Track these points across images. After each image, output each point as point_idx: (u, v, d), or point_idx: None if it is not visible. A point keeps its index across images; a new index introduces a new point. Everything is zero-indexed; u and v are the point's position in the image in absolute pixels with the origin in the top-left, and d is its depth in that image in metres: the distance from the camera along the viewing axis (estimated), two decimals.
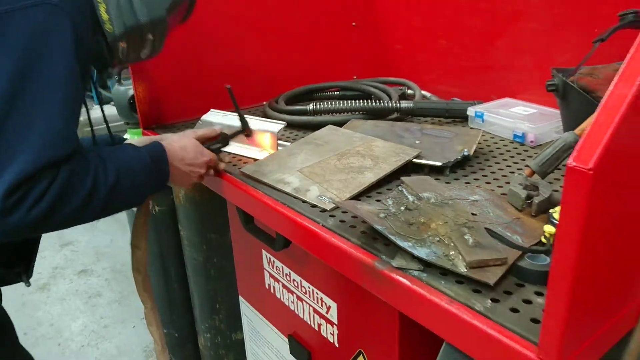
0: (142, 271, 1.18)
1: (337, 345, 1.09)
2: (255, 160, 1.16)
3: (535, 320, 0.60)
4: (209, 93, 1.49)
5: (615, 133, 0.45)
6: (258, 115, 1.31)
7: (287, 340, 1.27)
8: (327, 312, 1.09)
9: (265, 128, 1.22)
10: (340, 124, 1.29)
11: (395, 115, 1.42)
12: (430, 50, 1.67)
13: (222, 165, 1.12)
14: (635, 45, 0.48)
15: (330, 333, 1.10)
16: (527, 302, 0.64)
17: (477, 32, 1.50)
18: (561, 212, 0.48)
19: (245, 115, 1.25)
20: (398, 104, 1.39)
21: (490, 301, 0.64)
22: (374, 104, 1.39)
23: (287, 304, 1.23)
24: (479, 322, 0.61)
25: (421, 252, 0.71)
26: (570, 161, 0.46)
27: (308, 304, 1.14)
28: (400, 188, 0.92)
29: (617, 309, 0.61)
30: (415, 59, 1.74)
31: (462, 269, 0.67)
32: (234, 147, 1.25)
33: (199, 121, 1.34)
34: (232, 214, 1.38)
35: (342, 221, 0.87)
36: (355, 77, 1.86)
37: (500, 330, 0.59)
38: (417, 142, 1.15)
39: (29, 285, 1.05)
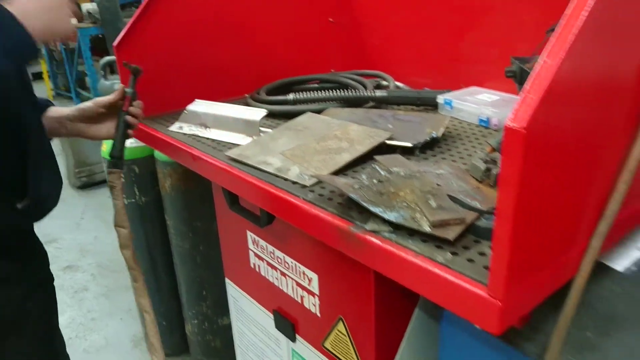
0: (130, 247, 1.25)
1: (319, 315, 1.18)
2: (239, 145, 1.24)
3: (487, 268, 0.69)
4: (193, 86, 1.57)
5: (545, 96, 0.54)
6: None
7: (272, 315, 1.35)
8: (309, 284, 1.17)
9: (248, 116, 1.30)
10: (319, 112, 1.37)
11: (370, 104, 1.51)
12: (404, 44, 1.76)
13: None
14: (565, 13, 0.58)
15: (313, 304, 1.18)
16: (482, 254, 0.73)
17: (447, 27, 1.60)
18: (501, 168, 0.57)
19: (230, 104, 1.33)
20: (373, 93, 1.48)
21: (450, 254, 0.73)
22: (350, 93, 1.48)
23: (272, 281, 1.31)
24: (441, 270, 0.70)
25: (391, 216, 0.80)
26: (508, 122, 0.55)
27: (291, 278, 1.23)
28: (373, 165, 1.01)
29: (557, 256, 0.70)
30: (389, 52, 1.83)
31: (426, 228, 0.76)
32: (219, 134, 1.32)
33: (184, 111, 1.41)
34: (218, 200, 1.45)
35: (320, 195, 0.95)
36: (332, 70, 1.95)
37: (458, 276, 0.68)
38: (390, 126, 1.24)
39: None
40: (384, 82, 1.72)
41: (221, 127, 1.34)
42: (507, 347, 0.85)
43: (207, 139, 1.32)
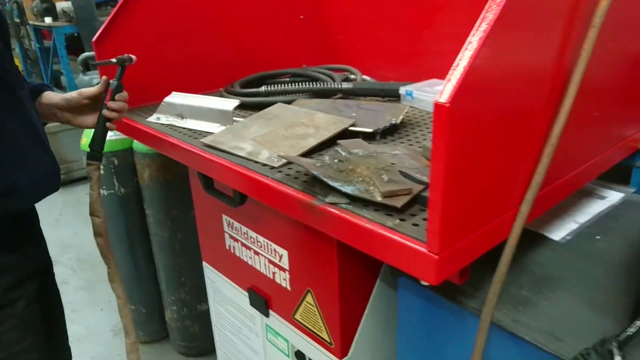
0: (103, 235, 1.31)
1: (289, 289, 1.27)
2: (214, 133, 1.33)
3: None
4: (170, 79, 1.65)
5: (465, 77, 0.65)
6: None
7: (246, 293, 1.44)
8: (279, 261, 1.27)
9: (222, 106, 1.38)
10: (289, 103, 1.47)
11: (338, 95, 1.61)
12: (370, 39, 1.87)
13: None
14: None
15: (284, 279, 1.28)
16: (425, 220, 0.83)
17: (409, 23, 1.71)
18: (432, 140, 0.67)
19: (205, 96, 1.42)
20: (340, 86, 1.58)
21: (398, 220, 0.83)
22: (318, 85, 1.57)
23: (246, 260, 1.40)
24: (389, 233, 0.80)
25: (348, 189, 0.90)
26: (436, 99, 0.65)
27: (263, 256, 1.32)
28: (336, 148, 1.11)
29: (490, 219, 0.81)
30: (357, 47, 1.94)
31: (378, 198, 0.86)
32: (194, 124, 1.41)
33: (162, 103, 1.49)
34: (195, 187, 1.53)
35: (287, 174, 1.04)
36: (305, 65, 2.04)
37: (403, 237, 0.78)
38: (353, 114, 1.34)
39: None
40: (352, 76, 1.83)
41: (197, 117, 1.42)
42: (452, 305, 0.96)
43: (184, 128, 1.41)
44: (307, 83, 1.59)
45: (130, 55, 1.29)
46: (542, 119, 0.84)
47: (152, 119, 1.48)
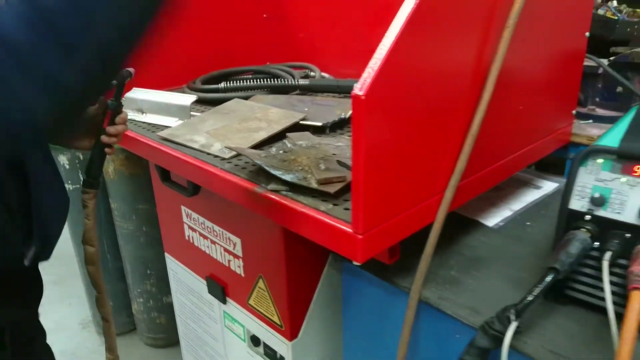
0: (96, 264, 1.32)
1: (243, 276, 1.33)
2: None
3: None
4: (135, 76, 1.69)
5: (380, 71, 0.72)
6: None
7: (205, 282, 1.50)
8: (234, 249, 1.33)
9: (180, 101, 1.44)
10: (247, 99, 1.52)
11: (297, 92, 1.68)
12: (329, 37, 1.94)
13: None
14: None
15: (238, 266, 1.34)
16: None
17: (364, 21, 1.78)
18: (352, 130, 0.74)
19: (165, 92, 1.47)
20: (297, 82, 1.64)
21: (332, 205, 0.90)
22: (276, 82, 1.63)
23: (204, 249, 1.46)
24: (322, 216, 0.86)
25: (288, 177, 0.96)
26: (354, 91, 0.72)
27: (219, 245, 1.38)
28: (284, 140, 1.17)
29: (415, 203, 0.88)
30: (317, 45, 2.01)
31: (314, 185, 0.93)
32: (154, 118, 1.46)
33: (123, 98, 1.53)
34: (155, 180, 1.58)
35: (236, 165, 1.11)
36: (268, 62, 2.10)
37: (334, 219, 0.85)
38: (306, 109, 1.41)
39: None
40: (312, 73, 1.89)
41: (156, 112, 1.47)
42: (388, 285, 1.03)
43: (144, 122, 1.46)
44: (265, 80, 1.65)
45: (129, 69, 1.10)
46: (464, 111, 0.92)
47: None
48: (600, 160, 0.84)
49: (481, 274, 1.03)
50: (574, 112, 1.32)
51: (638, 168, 0.80)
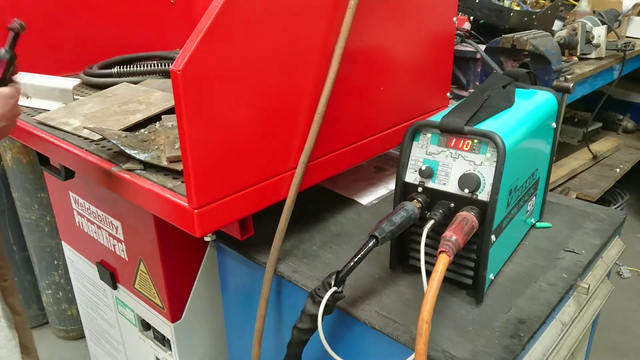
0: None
1: (127, 260, 1.33)
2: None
3: None
4: (24, 58, 1.64)
5: (197, 48, 0.73)
6: None
7: (96, 268, 1.49)
8: (116, 232, 1.32)
9: (62, 85, 1.41)
10: (137, 83, 1.51)
11: None
12: None
13: None
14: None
15: (122, 250, 1.33)
16: None
17: None
18: (175, 105, 0.75)
19: (50, 76, 1.44)
20: None
21: (180, 182, 0.91)
22: (170, 66, 1.62)
23: (92, 235, 1.44)
24: (166, 193, 0.88)
25: (142, 156, 0.97)
26: (172, 67, 0.73)
27: (104, 229, 1.37)
28: (156, 122, 1.18)
29: (256, 180, 0.90)
30: None
31: (164, 163, 0.94)
32: (38, 103, 1.43)
33: None
34: None
35: (103, 147, 1.10)
36: (178, 49, 2.09)
37: (176, 195, 0.86)
38: None
39: None
40: None
41: (40, 96, 1.44)
42: (249, 261, 1.06)
43: (27, 107, 1.42)
44: (159, 65, 1.64)
45: (19, 20, 1.04)
46: (311, 91, 0.94)
47: None
48: (429, 135, 0.88)
49: (340, 248, 1.07)
50: (449, 94, 1.37)
51: (455, 140, 0.85)
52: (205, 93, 0.77)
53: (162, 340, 1.36)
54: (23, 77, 1.50)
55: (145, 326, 1.42)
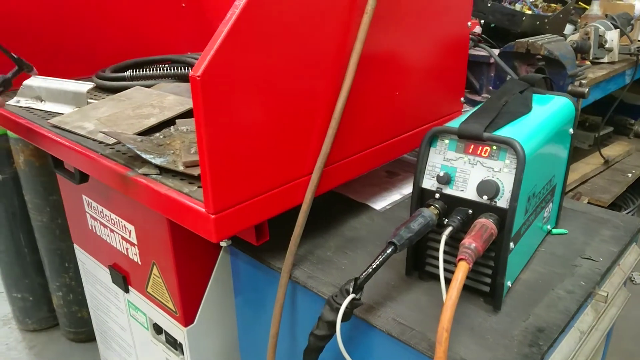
0: None
1: (140, 263, 1.33)
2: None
3: None
4: (37, 62, 1.65)
5: (216, 53, 0.73)
6: None
7: (108, 271, 1.49)
8: (129, 236, 1.32)
9: (76, 88, 1.42)
10: (150, 87, 1.52)
11: None
12: None
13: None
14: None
15: (135, 254, 1.33)
16: None
17: None
18: (194, 110, 0.75)
19: (63, 80, 1.44)
20: None
21: (196, 187, 0.91)
22: (183, 70, 1.63)
23: (105, 238, 1.44)
24: (183, 198, 0.88)
25: (158, 160, 0.97)
26: (191, 72, 0.73)
27: (117, 233, 1.37)
28: (171, 126, 1.18)
29: (273, 186, 0.90)
30: None
31: (180, 167, 0.94)
32: (51, 106, 1.43)
33: (22, 86, 1.50)
34: None
35: (118, 151, 1.10)
36: (189, 52, 2.09)
37: (193, 200, 0.86)
38: None
39: None
40: None
41: (54, 99, 1.44)
42: (264, 266, 1.05)
43: (41, 110, 1.43)
44: (172, 68, 1.64)
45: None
46: (328, 96, 0.94)
47: (12, 102, 1.49)
48: (446, 141, 0.88)
49: (355, 254, 1.07)
50: (462, 99, 1.37)
51: (473, 146, 0.84)
52: (224, 98, 0.77)
53: (175, 344, 1.36)
54: (36, 81, 1.51)
55: (157, 330, 1.42)
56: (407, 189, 1.35)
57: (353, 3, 0.93)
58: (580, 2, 2.79)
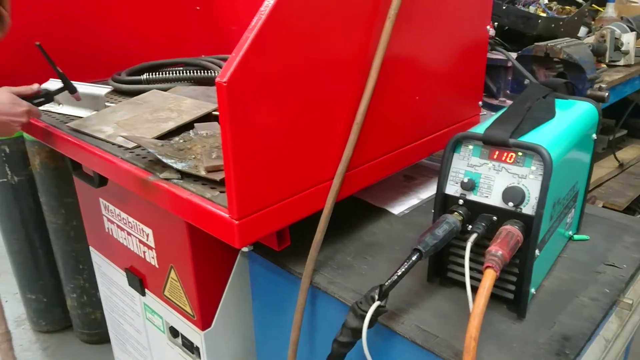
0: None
1: (157, 267, 1.33)
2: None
3: None
4: (64, 66, 1.65)
5: (242, 59, 0.73)
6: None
7: (124, 274, 1.49)
8: (147, 239, 1.32)
9: (94, 92, 1.42)
10: (166, 90, 1.52)
11: None
12: None
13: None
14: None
15: (152, 257, 1.34)
16: None
17: None
18: (219, 116, 0.75)
19: (81, 83, 1.44)
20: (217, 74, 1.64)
21: (218, 192, 0.91)
22: (198, 73, 1.63)
23: (121, 241, 1.45)
24: (204, 203, 0.87)
25: (179, 165, 0.97)
26: (217, 78, 0.73)
27: (134, 236, 1.37)
28: (190, 130, 1.18)
29: (295, 191, 0.89)
30: None
31: (202, 172, 0.94)
32: (69, 110, 1.44)
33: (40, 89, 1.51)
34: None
35: (137, 155, 1.10)
36: (203, 55, 2.10)
37: (215, 205, 0.86)
38: None
39: None
40: None
41: (71, 103, 1.45)
42: (284, 272, 1.05)
43: (59, 113, 1.44)
44: (187, 72, 1.64)
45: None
46: (350, 101, 0.94)
47: None
48: (470, 147, 0.87)
49: (374, 259, 1.06)
50: (480, 103, 1.36)
51: (498, 152, 0.83)
52: (249, 104, 0.76)
53: (191, 348, 1.36)
54: (54, 84, 1.52)
55: (174, 333, 1.42)
56: (425, 194, 1.34)
57: (376, 8, 0.93)
58: (594, 5, 2.77)
